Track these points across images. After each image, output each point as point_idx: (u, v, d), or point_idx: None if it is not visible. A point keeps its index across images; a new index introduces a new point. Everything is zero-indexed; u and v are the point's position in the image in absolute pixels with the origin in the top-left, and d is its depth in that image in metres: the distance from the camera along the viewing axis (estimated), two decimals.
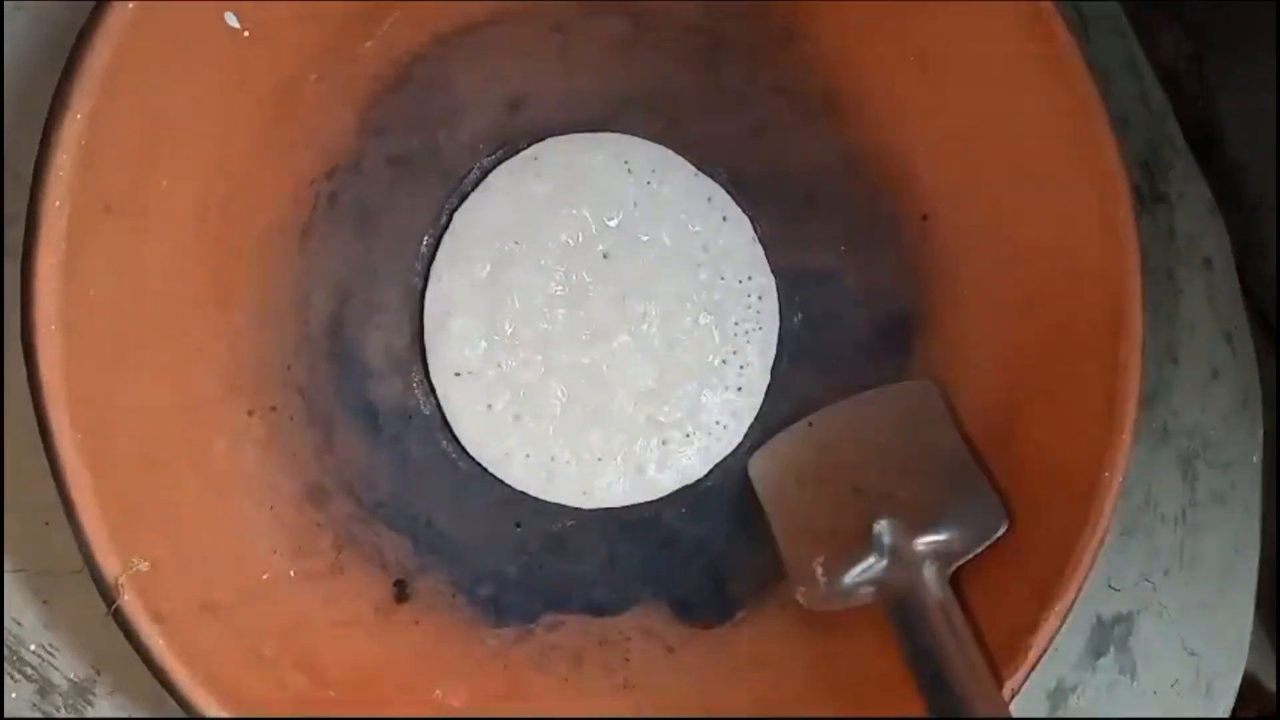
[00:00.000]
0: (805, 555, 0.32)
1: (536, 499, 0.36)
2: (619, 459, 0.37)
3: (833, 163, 0.37)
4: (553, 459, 0.36)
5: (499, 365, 0.36)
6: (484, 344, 0.36)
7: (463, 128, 0.36)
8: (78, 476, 0.27)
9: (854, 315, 0.38)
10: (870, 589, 0.32)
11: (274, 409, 0.33)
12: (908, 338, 0.37)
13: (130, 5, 0.27)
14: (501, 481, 0.36)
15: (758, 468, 0.37)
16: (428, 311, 0.36)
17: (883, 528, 0.32)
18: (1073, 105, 0.32)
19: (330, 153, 0.33)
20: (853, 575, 0.32)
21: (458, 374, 0.36)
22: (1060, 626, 0.32)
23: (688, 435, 0.37)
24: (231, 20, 0.29)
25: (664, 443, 0.37)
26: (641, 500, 0.37)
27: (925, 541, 0.32)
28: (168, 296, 0.30)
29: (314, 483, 0.33)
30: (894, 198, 0.37)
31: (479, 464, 0.36)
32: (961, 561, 0.32)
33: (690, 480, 0.37)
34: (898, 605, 0.31)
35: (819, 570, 0.32)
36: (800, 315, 0.38)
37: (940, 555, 0.32)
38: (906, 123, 0.36)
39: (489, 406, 0.36)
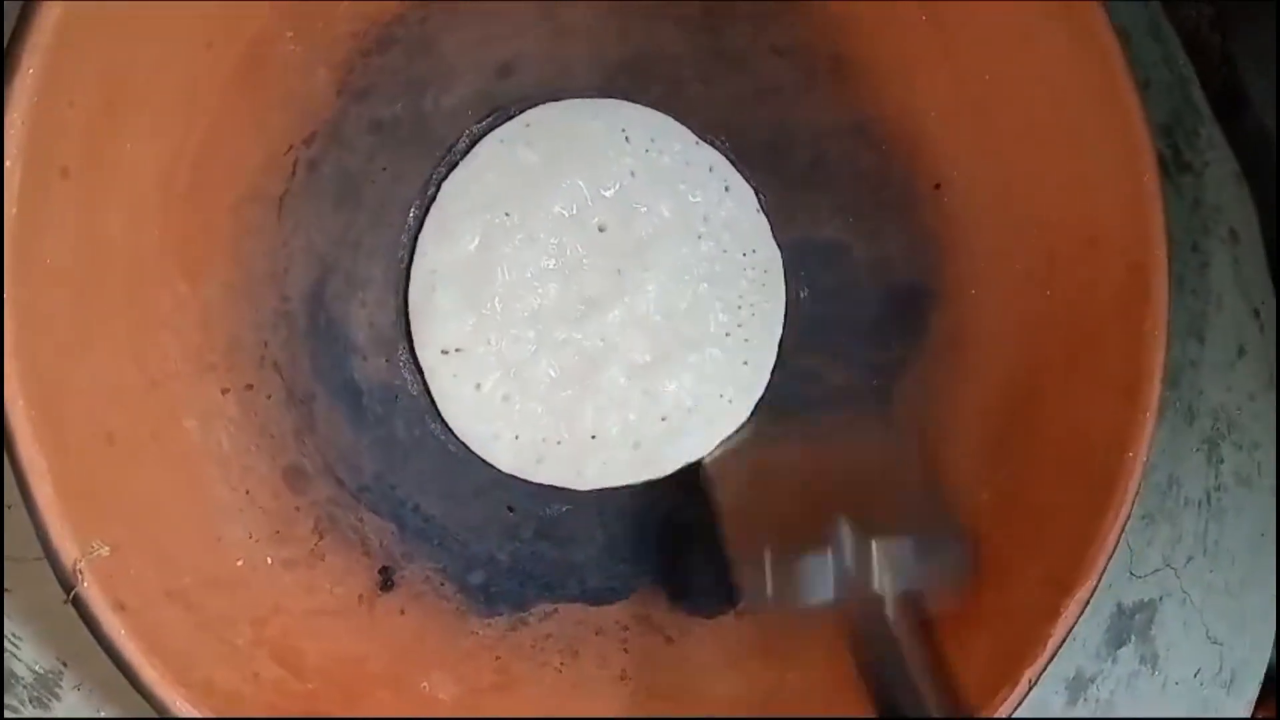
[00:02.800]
0: (754, 548, 0.30)
1: (529, 481, 0.35)
2: (615, 437, 0.35)
3: (840, 129, 0.36)
4: (543, 440, 0.35)
5: (488, 342, 0.34)
6: (472, 320, 0.34)
7: (450, 93, 0.34)
8: (31, 454, 0.25)
9: (864, 289, 0.37)
10: (824, 593, 0.29)
11: (250, 387, 0.31)
12: (922, 312, 0.36)
13: None
14: (491, 464, 0.35)
15: (716, 467, 0.35)
16: (413, 286, 0.34)
17: (841, 522, 0.30)
18: (1094, 61, 0.31)
19: (308, 117, 0.32)
20: (805, 569, 0.29)
21: (444, 351, 0.34)
22: (1080, 615, 0.31)
23: (689, 412, 0.35)
24: None
25: (663, 419, 0.35)
26: (640, 481, 0.35)
27: (884, 548, 0.29)
28: (131, 267, 0.28)
29: (293, 465, 0.32)
30: (904, 165, 0.36)
31: (467, 446, 0.34)
32: (918, 591, 0.30)
33: (693, 460, 0.36)
34: (856, 616, 0.29)
35: (766, 558, 0.29)
36: (807, 290, 0.37)
37: (899, 571, 0.29)
38: (917, 85, 0.35)
39: (477, 386, 0.34)
